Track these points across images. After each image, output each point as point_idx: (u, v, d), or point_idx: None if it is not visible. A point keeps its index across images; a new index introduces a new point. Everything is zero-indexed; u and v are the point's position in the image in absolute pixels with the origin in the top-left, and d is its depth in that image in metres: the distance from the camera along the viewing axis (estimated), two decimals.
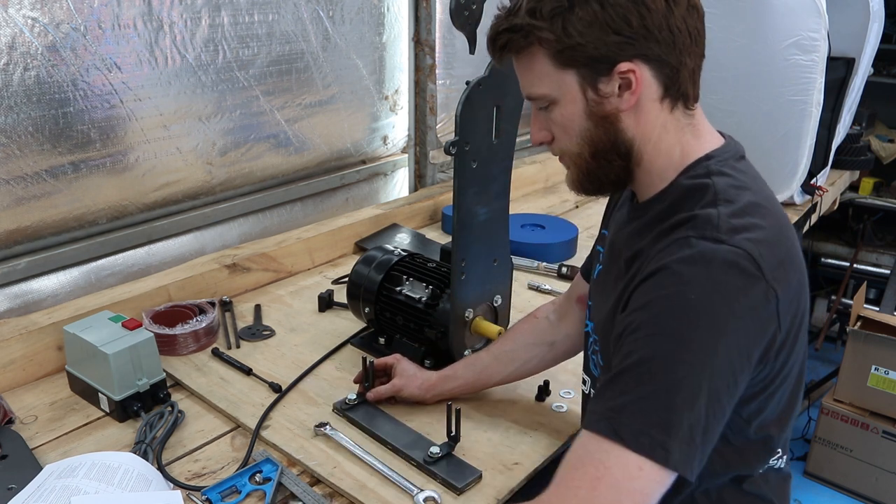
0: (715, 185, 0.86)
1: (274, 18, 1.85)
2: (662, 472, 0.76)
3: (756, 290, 0.79)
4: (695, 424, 0.76)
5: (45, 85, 1.46)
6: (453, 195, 1.26)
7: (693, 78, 0.90)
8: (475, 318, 1.37)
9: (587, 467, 0.77)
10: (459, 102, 1.20)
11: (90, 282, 1.64)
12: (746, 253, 0.79)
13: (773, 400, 0.90)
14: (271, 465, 1.11)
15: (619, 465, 0.76)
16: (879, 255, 3.58)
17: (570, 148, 0.92)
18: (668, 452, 0.75)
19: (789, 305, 0.84)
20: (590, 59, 0.84)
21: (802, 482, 2.89)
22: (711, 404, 0.77)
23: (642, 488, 0.76)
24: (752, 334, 0.80)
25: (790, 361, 0.89)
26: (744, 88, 2.16)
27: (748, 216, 0.83)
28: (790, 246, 0.87)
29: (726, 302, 0.77)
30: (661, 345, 0.78)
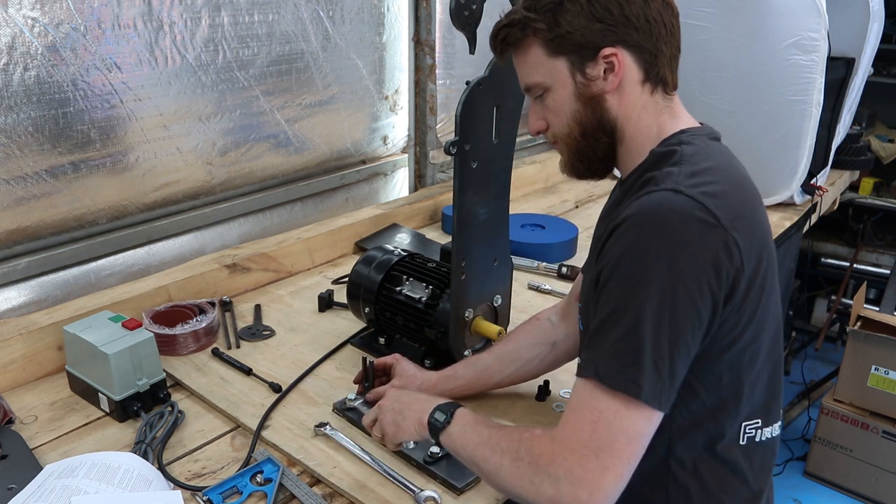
0: (681, 151, 0.95)
1: (274, 18, 1.85)
2: (645, 409, 0.85)
3: (713, 237, 0.86)
4: (660, 361, 0.85)
5: (45, 85, 1.46)
6: (453, 195, 1.26)
7: (671, 66, 0.99)
8: (475, 318, 1.37)
9: (584, 412, 0.87)
10: (459, 102, 1.20)
11: (90, 282, 1.65)
12: (701, 204, 0.87)
13: (746, 356, 0.95)
14: (272, 465, 1.11)
15: (609, 408, 0.85)
16: (879, 255, 3.58)
17: (561, 130, 1.02)
18: (640, 388, 0.84)
19: (751, 255, 0.90)
20: (577, 45, 0.95)
21: (802, 482, 2.89)
22: (675, 341, 0.85)
23: (632, 426, 0.85)
24: (712, 277, 0.86)
25: (759, 315, 0.94)
26: (744, 88, 2.16)
27: (707, 175, 0.91)
28: (751, 210, 0.94)
29: (683, 247, 0.85)
30: (626, 292, 0.87)
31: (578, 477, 0.84)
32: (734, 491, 1.01)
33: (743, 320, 0.92)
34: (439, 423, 1.02)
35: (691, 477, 0.99)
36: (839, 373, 2.74)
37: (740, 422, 0.99)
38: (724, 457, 0.99)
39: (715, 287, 0.86)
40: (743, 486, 1.02)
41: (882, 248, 3.59)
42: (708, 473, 0.99)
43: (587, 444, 0.85)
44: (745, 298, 0.90)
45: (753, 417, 1.00)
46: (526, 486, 0.89)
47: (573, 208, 2.46)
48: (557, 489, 0.85)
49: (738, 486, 1.01)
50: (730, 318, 0.90)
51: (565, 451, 0.86)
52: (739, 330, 0.92)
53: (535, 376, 1.29)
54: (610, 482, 0.84)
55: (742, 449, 1.00)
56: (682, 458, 0.98)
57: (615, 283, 0.88)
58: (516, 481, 0.90)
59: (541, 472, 0.87)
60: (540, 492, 0.87)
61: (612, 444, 0.84)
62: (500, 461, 0.93)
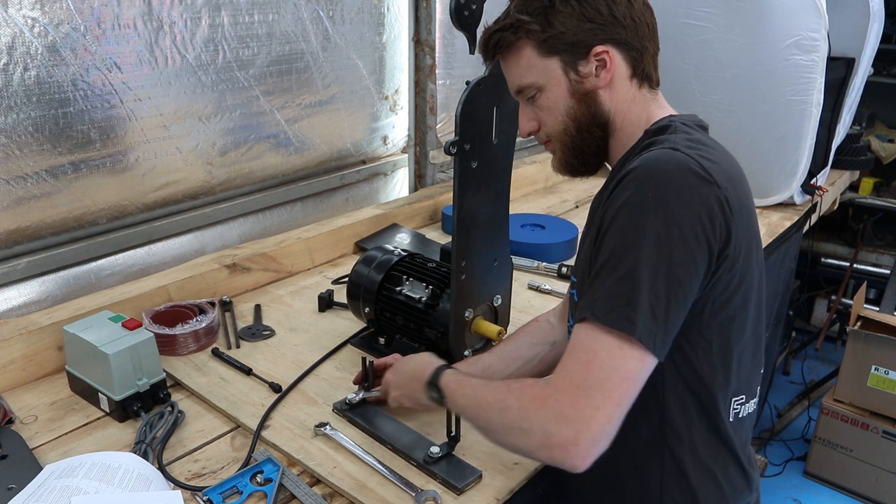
0: (675, 125, 1.00)
1: (274, 18, 1.85)
2: (639, 349, 0.86)
3: (708, 190, 0.89)
4: (655, 302, 0.86)
5: (45, 85, 1.46)
6: (453, 195, 1.26)
7: (654, 63, 1.05)
8: (475, 318, 1.37)
9: (579, 353, 0.89)
10: (459, 102, 1.20)
11: (90, 282, 1.65)
12: (698, 163, 0.91)
13: (734, 324, 0.98)
14: (272, 465, 1.11)
15: (603, 348, 0.87)
16: (879, 255, 3.58)
17: (556, 128, 1.05)
18: (634, 325, 0.86)
19: (741, 219, 0.93)
20: (570, 44, 0.99)
21: (802, 482, 2.89)
22: (671, 285, 0.87)
23: (625, 365, 0.86)
24: (707, 226, 0.88)
25: (747, 283, 0.97)
26: (744, 88, 2.16)
27: (700, 145, 0.96)
28: (741, 184, 0.97)
29: (679, 196, 0.88)
30: (624, 237, 0.89)
31: (567, 415, 0.85)
32: (725, 464, 1.04)
33: (734, 282, 0.94)
34: (435, 400, 1.09)
35: (686, 448, 1.01)
36: (839, 373, 2.74)
37: (730, 396, 1.02)
38: (717, 429, 1.02)
39: (710, 236, 0.89)
40: (733, 462, 1.05)
41: (882, 248, 3.59)
42: (702, 445, 1.02)
43: (579, 384, 0.86)
44: (736, 261, 0.93)
45: (740, 393, 1.04)
46: (516, 433, 0.91)
47: (573, 208, 2.46)
48: (546, 428, 0.87)
49: (728, 460, 1.04)
50: (722, 278, 0.93)
51: (557, 392, 0.87)
52: (730, 292, 0.95)
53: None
54: (599, 422, 0.84)
55: (731, 425, 1.03)
56: (678, 428, 1.00)
57: (614, 230, 0.90)
58: (506, 430, 0.92)
59: (530, 416, 0.89)
60: (530, 434, 0.89)
61: (604, 382, 0.85)
62: (488, 415, 0.96)
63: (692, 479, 1.02)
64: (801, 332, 3.72)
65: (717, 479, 1.03)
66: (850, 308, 2.84)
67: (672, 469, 1.02)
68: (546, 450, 0.88)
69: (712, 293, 0.93)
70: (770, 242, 2.11)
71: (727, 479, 1.04)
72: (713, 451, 1.03)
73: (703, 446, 1.02)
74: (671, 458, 1.01)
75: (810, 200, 2.39)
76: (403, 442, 1.16)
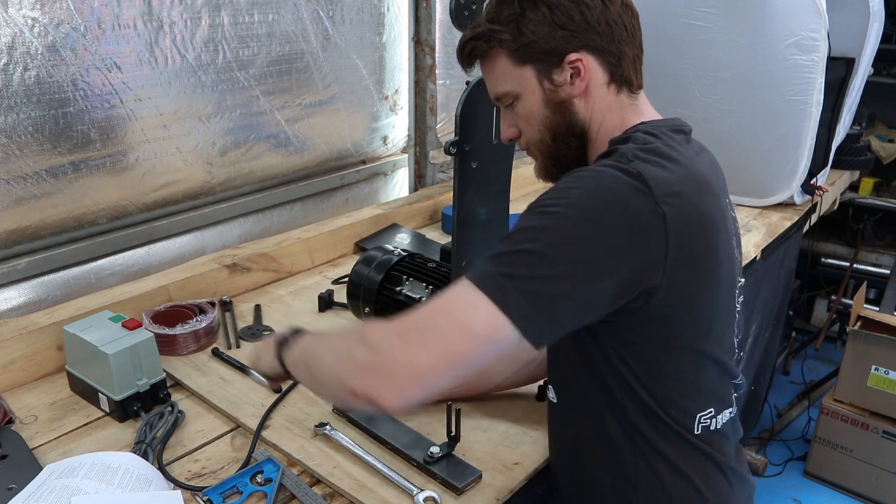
0: (636, 136, 0.96)
1: (274, 18, 1.85)
2: (495, 316, 0.81)
3: (640, 203, 0.85)
4: (538, 291, 0.82)
5: (45, 85, 1.46)
6: (453, 195, 1.26)
7: (634, 66, 1.01)
8: None
9: (438, 301, 0.85)
10: (459, 102, 1.20)
11: (90, 282, 1.65)
12: (638, 173, 0.86)
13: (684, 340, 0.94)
14: (272, 465, 1.11)
15: (460, 301, 0.83)
16: (879, 255, 3.57)
17: (533, 136, 1.04)
18: (504, 295, 0.81)
19: (684, 236, 0.87)
20: (542, 53, 0.97)
21: (802, 482, 2.89)
22: (561, 283, 0.82)
23: (472, 324, 0.81)
24: (626, 241, 0.85)
25: (701, 302, 0.93)
26: (744, 88, 2.16)
27: (654, 156, 0.91)
28: (694, 196, 0.91)
29: (604, 202, 0.85)
30: (536, 220, 0.86)
31: (394, 347, 0.82)
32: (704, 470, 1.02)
33: (675, 301, 0.90)
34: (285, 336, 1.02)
35: (658, 455, 0.99)
36: (839, 373, 2.74)
37: (694, 412, 0.99)
38: (688, 441, 1.00)
39: (627, 250, 0.84)
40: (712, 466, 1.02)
41: (882, 248, 3.59)
42: (674, 454, 1.00)
43: (419, 325, 0.83)
44: (675, 278, 0.87)
45: (706, 407, 1.01)
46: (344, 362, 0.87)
47: None
48: (369, 357, 0.83)
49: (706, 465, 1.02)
50: (656, 295, 0.88)
51: (398, 325, 0.84)
52: (672, 312, 0.91)
53: (535, 379, 1.29)
54: (423, 366, 0.80)
55: (701, 437, 1.01)
56: (648, 437, 0.99)
57: (529, 211, 0.88)
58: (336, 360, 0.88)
59: (363, 342, 0.85)
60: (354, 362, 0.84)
61: (444, 332, 0.82)
62: (329, 344, 0.93)
63: (668, 487, 1.00)
64: (801, 332, 3.72)
65: (696, 485, 1.01)
66: (850, 308, 2.84)
67: (648, 478, 1.00)
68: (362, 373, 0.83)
69: (649, 310, 0.89)
70: (770, 242, 2.11)
71: (707, 485, 1.02)
72: (688, 459, 1.00)
73: (676, 455, 1.00)
74: (647, 467, 1.00)
75: (810, 200, 2.40)
76: (403, 442, 1.16)
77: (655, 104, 1.07)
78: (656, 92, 1.09)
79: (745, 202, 2.36)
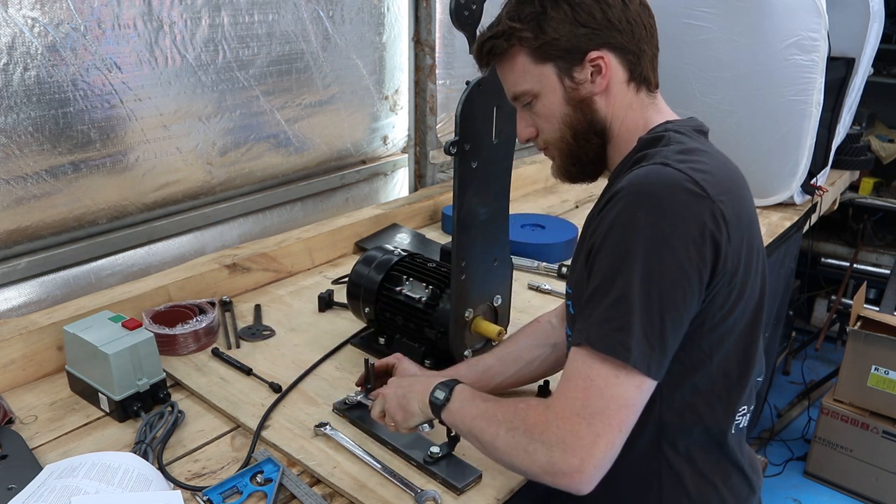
0: (669, 136, 0.97)
1: (274, 18, 1.85)
2: (635, 375, 0.85)
3: (700, 205, 0.87)
4: (649, 326, 0.85)
5: (45, 85, 1.46)
6: (453, 195, 1.26)
7: (652, 65, 1.03)
8: (475, 318, 1.37)
9: (576, 380, 0.88)
10: (459, 102, 1.20)
11: (90, 282, 1.64)
12: (689, 177, 0.88)
13: (733, 336, 0.96)
14: (272, 465, 1.10)
15: (600, 376, 0.86)
16: (879, 255, 3.58)
17: (553, 135, 1.04)
18: (629, 351, 0.85)
19: (738, 231, 0.90)
20: (564, 51, 0.97)
21: (802, 482, 2.89)
22: (665, 307, 0.86)
23: (623, 393, 0.86)
24: (700, 244, 0.86)
25: (747, 296, 0.95)
26: (744, 88, 2.16)
27: (694, 154, 0.93)
28: (739, 192, 0.95)
29: (670, 215, 0.86)
30: (616, 260, 0.87)
31: (570, 444, 0.85)
32: (726, 473, 1.03)
33: (733, 296, 0.92)
34: (439, 400, 1.03)
35: (684, 459, 1.00)
36: (839, 373, 2.74)
37: (734, 409, 1.01)
38: (718, 441, 1.01)
39: (705, 254, 0.87)
40: (735, 471, 1.03)
41: (882, 248, 3.59)
42: (700, 456, 1.01)
43: (579, 412, 0.86)
44: (735, 273, 0.91)
45: (744, 404, 1.03)
46: (521, 455, 0.90)
47: (573, 208, 2.46)
48: (550, 456, 0.86)
49: (730, 470, 1.03)
50: (721, 292, 0.91)
51: (558, 419, 0.87)
52: (729, 306, 0.93)
53: (536, 378, 1.29)
54: (601, 449, 0.85)
55: (732, 436, 1.02)
56: (675, 440, 1.00)
57: (605, 252, 0.89)
58: (512, 450, 0.91)
59: (535, 441, 0.88)
60: (534, 460, 0.88)
61: (604, 411, 0.85)
62: (496, 431, 0.94)
63: (691, 491, 1.01)
64: (801, 332, 3.72)
65: (718, 489, 1.02)
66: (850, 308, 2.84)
67: (670, 480, 1.01)
68: (550, 476, 0.88)
69: (711, 308, 0.92)
70: (770, 242, 2.11)
71: (729, 489, 1.03)
72: (713, 462, 1.01)
73: (702, 458, 1.01)
74: (669, 470, 1.00)
75: (810, 200, 2.40)
76: (403, 442, 1.16)
77: None
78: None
79: None
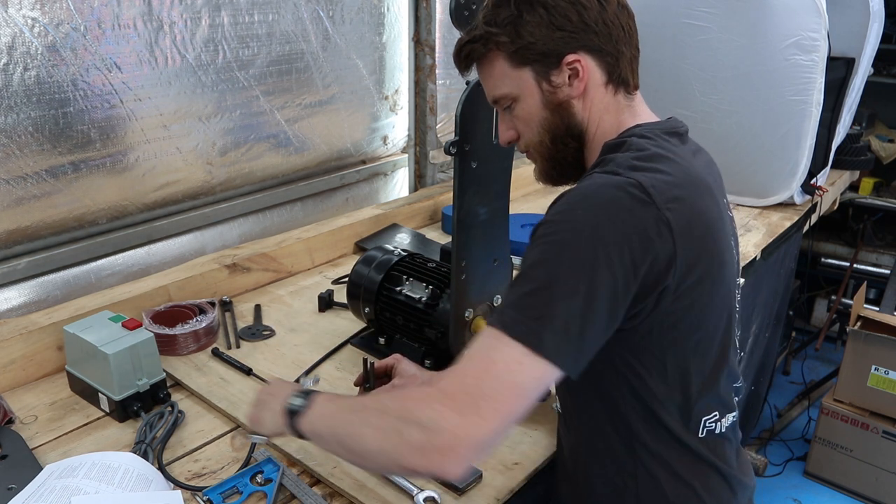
0: (630, 141, 0.96)
1: (274, 18, 1.85)
2: (539, 366, 0.81)
3: (644, 212, 0.85)
4: (570, 321, 0.82)
5: (45, 85, 1.46)
6: (453, 195, 1.26)
7: (631, 67, 1.01)
8: (475, 318, 1.37)
9: (477, 360, 0.83)
10: (459, 102, 1.20)
11: (90, 282, 1.64)
12: (638, 183, 0.86)
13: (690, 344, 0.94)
14: (272, 465, 1.11)
15: (503, 359, 0.82)
16: (879, 255, 3.57)
17: (532, 138, 1.04)
18: (541, 341, 0.81)
19: (688, 239, 0.88)
20: (540, 54, 0.97)
21: (802, 482, 2.89)
22: (588, 305, 0.83)
23: (522, 382, 0.81)
24: (637, 249, 0.84)
25: (706, 304, 0.93)
26: (744, 88, 2.16)
27: (651, 162, 0.91)
28: (694, 199, 0.91)
29: (610, 217, 0.85)
30: (548, 250, 0.85)
31: (451, 422, 0.78)
32: (704, 476, 1.02)
33: (684, 303, 0.90)
34: (295, 406, 0.94)
35: (658, 463, 0.99)
36: (839, 373, 2.74)
37: (698, 415, 0.99)
38: (689, 446, 1.00)
39: (639, 260, 0.84)
40: (713, 473, 1.02)
41: (882, 248, 3.59)
42: (675, 460, 1.00)
43: (469, 392, 0.80)
44: (683, 280, 0.88)
45: (711, 411, 1.01)
46: (392, 439, 0.81)
47: None
48: (425, 434, 0.78)
49: (708, 472, 1.02)
50: (667, 297, 0.88)
51: (442, 394, 0.80)
52: (680, 313, 0.91)
53: None
54: (483, 433, 0.78)
55: (703, 441, 1.01)
56: (647, 444, 0.99)
57: (537, 241, 0.87)
58: (382, 438, 0.82)
59: (410, 420, 0.80)
60: (406, 440, 0.80)
61: (497, 397, 0.80)
62: (364, 418, 0.86)
63: (668, 493, 1.00)
64: (801, 332, 3.72)
65: (697, 491, 1.01)
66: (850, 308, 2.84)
67: (647, 484, 1.00)
68: (420, 454, 0.79)
69: (658, 314, 0.89)
70: (770, 242, 2.11)
71: (708, 491, 1.02)
72: (688, 465, 1.00)
73: (677, 461, 1.00)
74: (645, 473, 1.00)
75: (810, 200, 2.39)
76: None
77: (656, 104, 1.07)
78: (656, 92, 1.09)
79: (745, 202, 2.36)
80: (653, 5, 2.12)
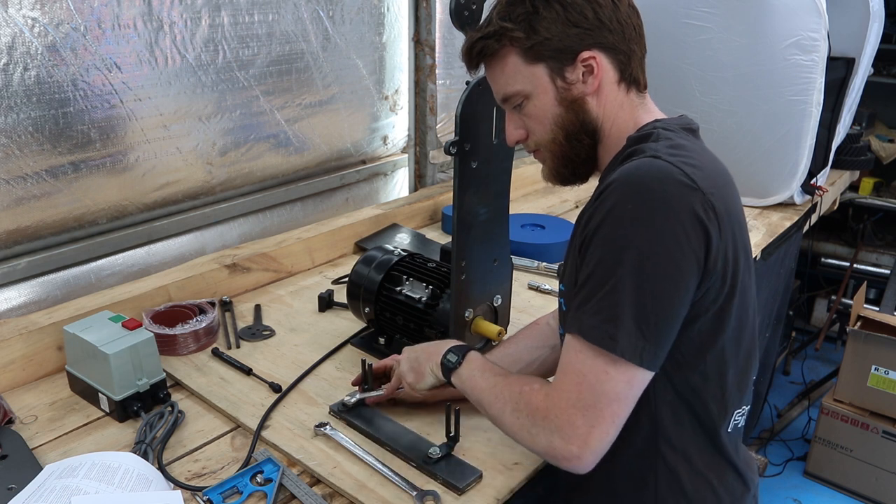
0: (658, 133, 0.98)
1: (274, 18, 1.85)
2: (625, 367, 0.87)
3: (691, 197, 0.87)
4: (641, 318, 0.86)
5: (45, 85, 1.46)
6: (453, 195, 1.26)
7: (641, 66, 1.03)
8: (475, 318, 1.37)
9: (570, 374, 0.91)
10: (459, 102, 1.20)
11: (90, 282, 1.64)
12: (680, 169, 0.88)
13: (727, 333, 0.96)
14: (272, 465, 1.11)
15: (591, 371, 0.88)
16: (879, 255, 3.58)
17: (544, 136, 1.03)
18: (616, 342, 0.86)
19: (727, 226, 0.90)
20: (556, 51, 0.97)
21: (802, 482, 2.89)
22: (658, 299, 0.86)
23: (614, 388, 0.88)
24: (692, 236, 0.87)
25: (740, 293, 0.95)
26: (744, 88, 2.16)
27: (684, 150, 0.93)
28: (727, 192, 0.95)
29: (661, 207, 0.86)
30: (607, 252, 0.88)
31: (568, 433, 0.89)
32: (721, 472, 1.03)
33: (725, 290, 0.92)
34: (451, 363, 1.10)
35: (680, 457, 1.00)
36: (839, 373, 2.74)
37: (732, 408, 1.01)
38: (713, 440, 1.01)
39: (696, 245, 0.87)
40: (729, 468, 1.04)
41: (882, 248, 3.59)
42: (697, 454, 1.01)
43: (574, 404, 0.89)
44: (726, 266, 0.91)
45: (742, 404, 1.03)
46: (524, 436, 0.96)
47: (573, 208, 2.45)
48: (551, 441, 0.91)
49: (725, 467, 1.03)
50: (713, 287, 0.91)
51: (556, 408, 0.91)
52: (722, 301, 0.93)
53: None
54: (596, 438, 0.88)
55: (728, 435, 1.02)
56: (671, 437, 1.00)
57: (597, 243, 0.89)
58: (516, 429, 0.97)
59: (537, 425, 0.93)
60: (536, 441, 0.93)
61: (596, 404, 0.88)
62: (502, 408, 0.99)
63: (687, 488, 1.01)
64: (801, 332, 3.72)
65: (714, 487, 1.02)
66: (850, 308, 2.84)
67: (666, 478, 1.01)
68: (551, 458, 0.93)
69: (703, 303, 0.92)
70: (770, 242, 2.11)
71: (724, 487, 1.03)
72: (708, 460, 1.02)
73: (698, 455, 1.01)
74: (665, 467, 1.01)
75: (810, 200, 2.40)
76: (403, 443, 1.16)
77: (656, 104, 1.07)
78: (656, 92, 1.09)
79: (745, 202, 2.36)
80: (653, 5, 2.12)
